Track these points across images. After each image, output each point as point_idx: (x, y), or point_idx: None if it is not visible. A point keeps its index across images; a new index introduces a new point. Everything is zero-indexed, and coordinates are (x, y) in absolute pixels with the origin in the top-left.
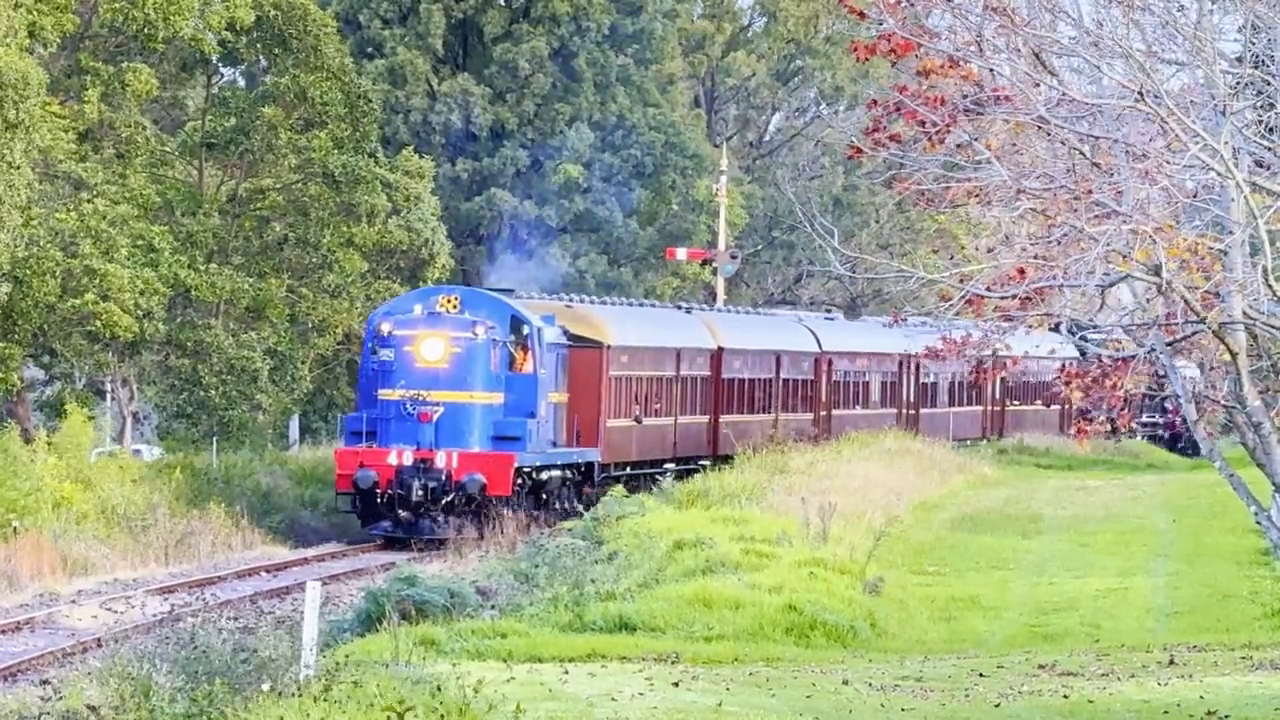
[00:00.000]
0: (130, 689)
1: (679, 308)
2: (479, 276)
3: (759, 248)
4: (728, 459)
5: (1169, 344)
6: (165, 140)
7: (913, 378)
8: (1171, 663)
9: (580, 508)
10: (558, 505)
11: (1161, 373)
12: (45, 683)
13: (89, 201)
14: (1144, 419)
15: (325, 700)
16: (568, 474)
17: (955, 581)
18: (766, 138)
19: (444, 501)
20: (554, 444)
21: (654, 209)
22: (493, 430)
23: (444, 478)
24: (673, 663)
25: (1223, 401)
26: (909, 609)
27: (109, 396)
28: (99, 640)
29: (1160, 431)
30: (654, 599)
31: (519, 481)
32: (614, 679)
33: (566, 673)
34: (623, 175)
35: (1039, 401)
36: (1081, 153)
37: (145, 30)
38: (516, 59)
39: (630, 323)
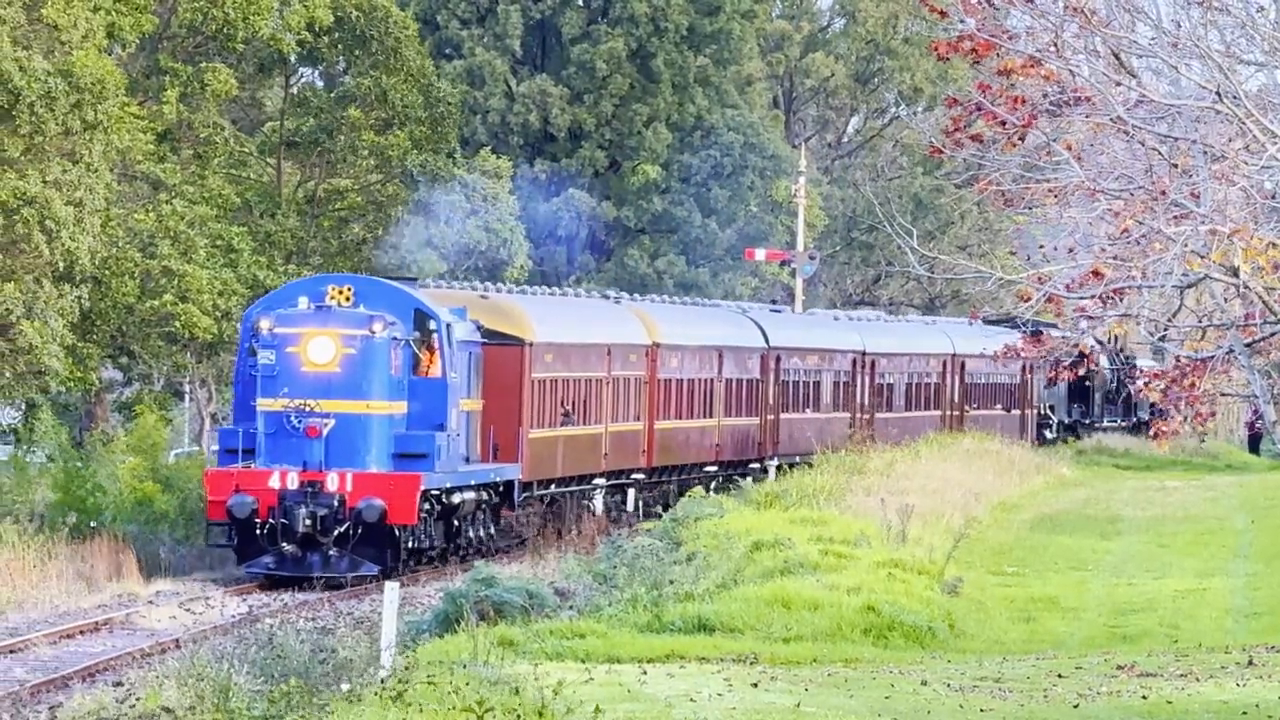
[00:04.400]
0: (209, 690)
1: (606, 297)
2: (558, 277)
3: (837, 249)
4: (664, 471)
5: (1247, 345)
6: (244, 141)
7: (868, 378)
8: (1250, 663)
9: (495, 535)
10: (471, 533)
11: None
12: (121, 684)
13: (167, 202)
14: (1106, 422)
15: (403, 701)
16: (483, 495)
17: (1034, 582)
18: (845, 138)
19: (336, 533)
20: (467, 460)
21: (732, 210)
22: (394, 446)
23: (336, 504)
24: (751, 663)
25: None
26: (988, 610)
27: (187, 398)
28: (177, 641)
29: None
30: (732, 600)
31: (426, 506)
32: (693, 680)
33: (645, 673)
34: (701, 176)
35: (999, 405)
36: (1160, 153)
37: (224, 30)
38: (594, 59)
39: (555, 315)
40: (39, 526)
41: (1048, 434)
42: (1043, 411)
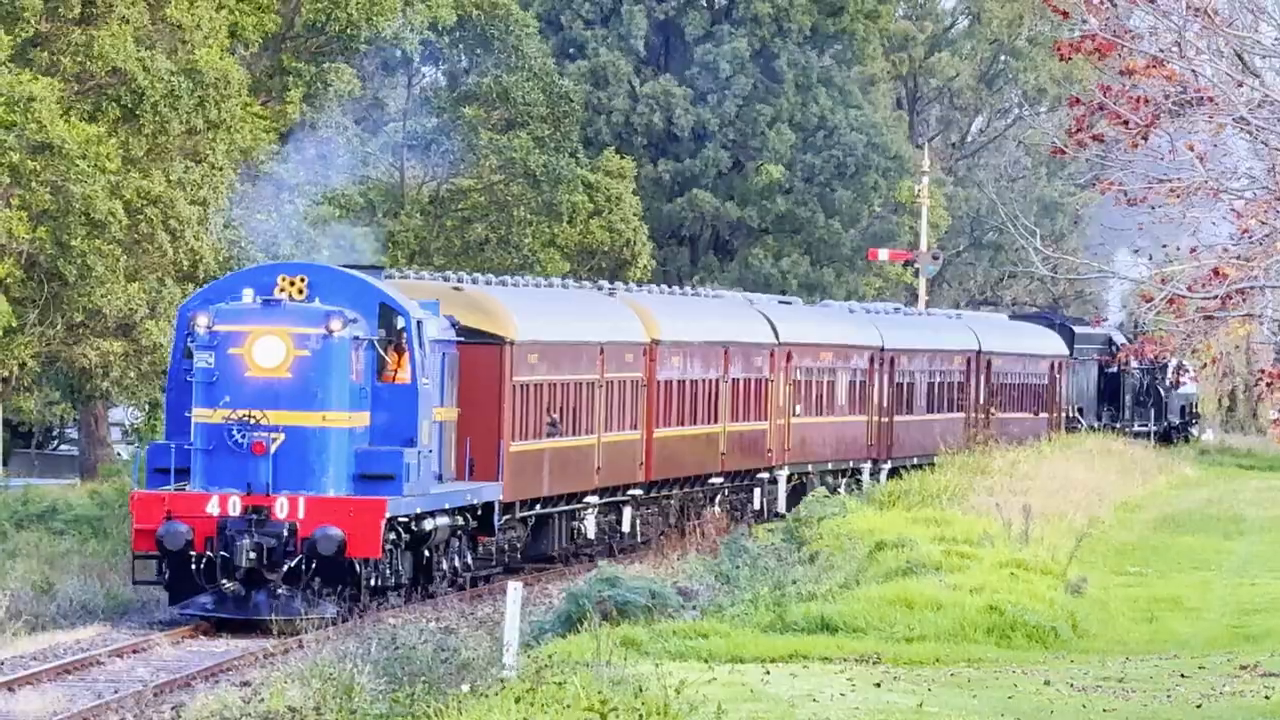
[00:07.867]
0: (332, 690)
1: (599, 288)
2: (680, 278)
3: (962, 249)
4: (664, 485)
5: None
6: (366, 140)
7: (887, 376)
8: None
9: (473, 564)
10: (445, 564)
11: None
12: (246, 684)
13: (290, 203)
14: (1137, 426)
15: (526, 701)
16: (458, 519)
17: (1157, 582)
18: (969, 139)
19: (286, 567)
20: (439, 478)
21: (856, 210)
22: (355, 465)
23: (285, 534)
24: (874, 663)
25: None
26: (1110, 610)
27: None
28: (300, 641)
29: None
30: (855, 600)
31: (392, 536)
32: (815, 679)
33: (768, 673)
34: (824, 176)
35: (1025, 407)
36: None
37: (347, 30)
38: (718, 60)
39: (540, 310)
40: None
41: None
42: (1071, 414)
